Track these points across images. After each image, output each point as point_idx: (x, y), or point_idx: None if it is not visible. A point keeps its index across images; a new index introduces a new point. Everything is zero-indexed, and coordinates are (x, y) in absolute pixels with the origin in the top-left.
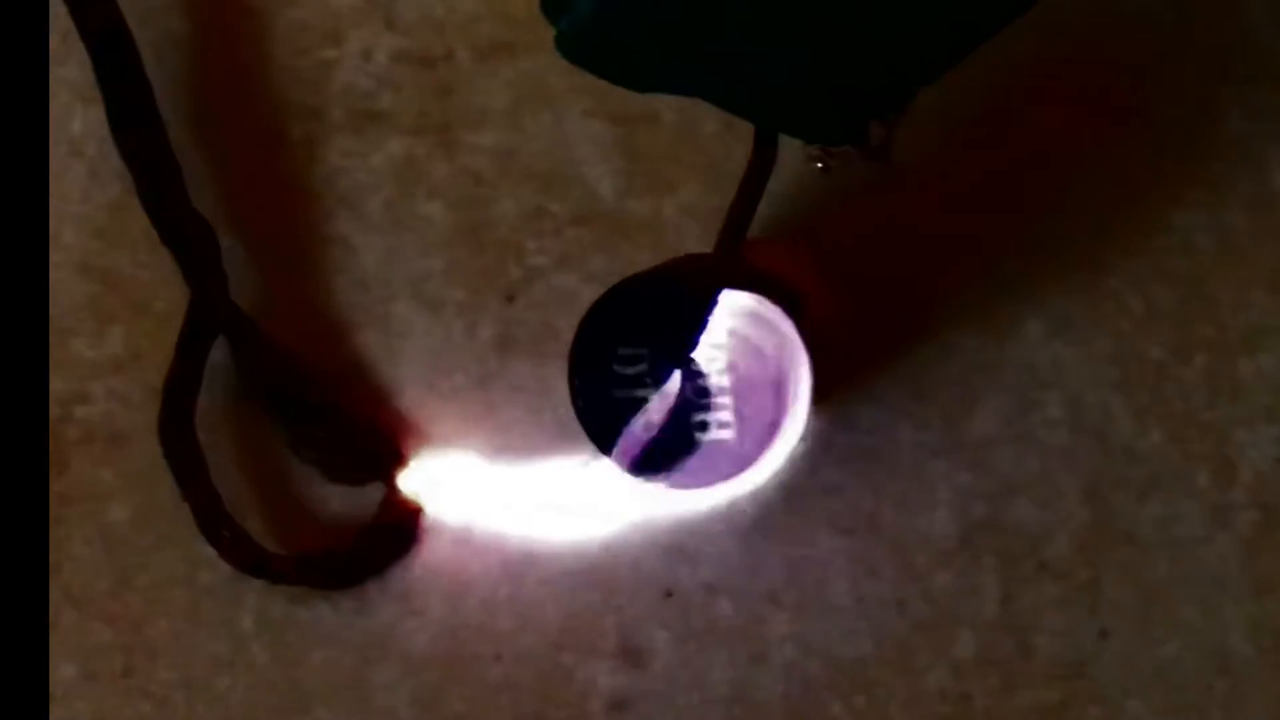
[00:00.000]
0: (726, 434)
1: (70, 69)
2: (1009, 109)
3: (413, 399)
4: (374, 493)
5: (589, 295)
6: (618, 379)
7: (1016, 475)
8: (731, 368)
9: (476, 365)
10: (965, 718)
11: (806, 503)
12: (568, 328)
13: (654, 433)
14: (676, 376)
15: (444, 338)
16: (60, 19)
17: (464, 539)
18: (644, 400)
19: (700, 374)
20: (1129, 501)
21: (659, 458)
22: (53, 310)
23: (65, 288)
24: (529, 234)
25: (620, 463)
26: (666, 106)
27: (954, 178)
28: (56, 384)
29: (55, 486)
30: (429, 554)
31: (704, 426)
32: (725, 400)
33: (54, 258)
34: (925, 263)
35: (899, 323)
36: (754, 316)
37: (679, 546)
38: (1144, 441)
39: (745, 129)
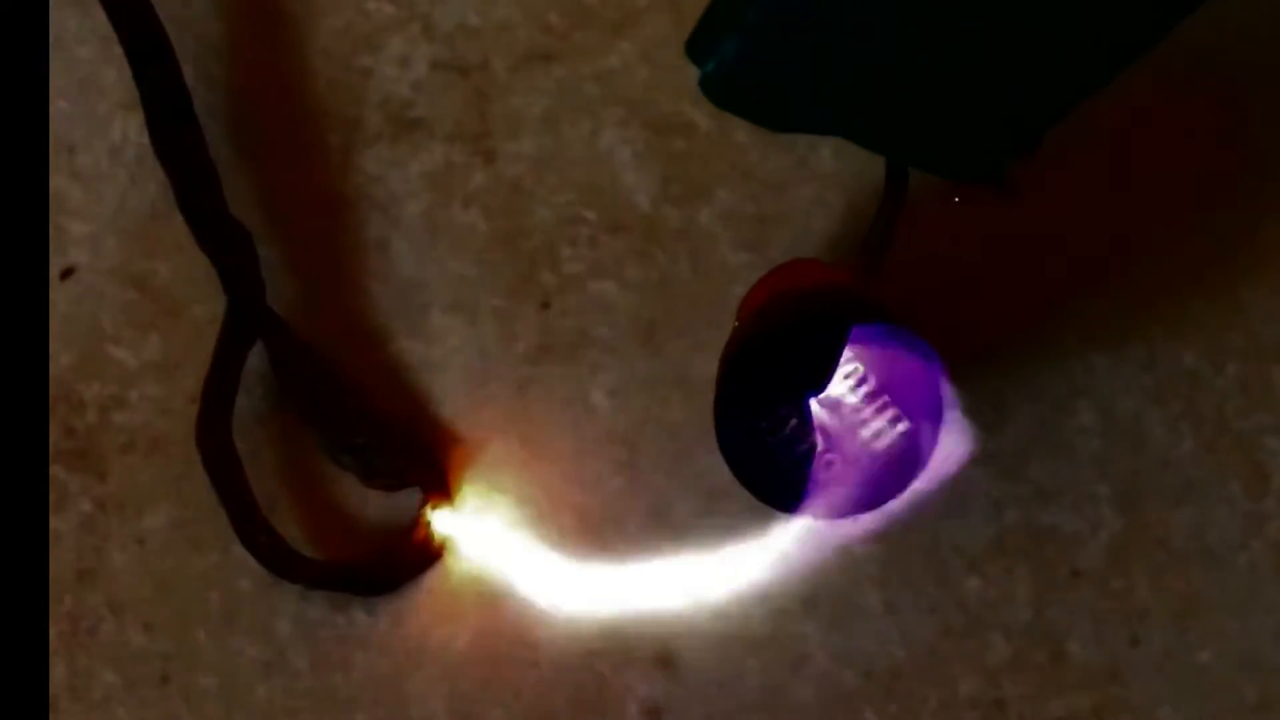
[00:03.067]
0: (890, 436)
1: (110, 75)
2: None
3: (449, 405)
4: (411, 498)
5: (624, 302)
6: (766, 430)
7: (1049, 482)
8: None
9: (513, 372)
10: None
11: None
12: (604, 334)
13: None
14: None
15: (480, 344)
16: (100, 26)
17: (500, 545)
18: (797, 441)
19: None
20: (1162, 509)
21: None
22: (91, 317)
23: (104, 294)
24: (565, 241)
25: (817, 512)
26: (702, 115)
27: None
28: (94, 391)
29: (94, 493)
30: (465, 560)
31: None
32: (875, 410)
33: (92, 264)
34: (961, 272)
35: (931, 333)
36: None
37: (713, 554)
38: (1176, 449)
39: (780, 136)
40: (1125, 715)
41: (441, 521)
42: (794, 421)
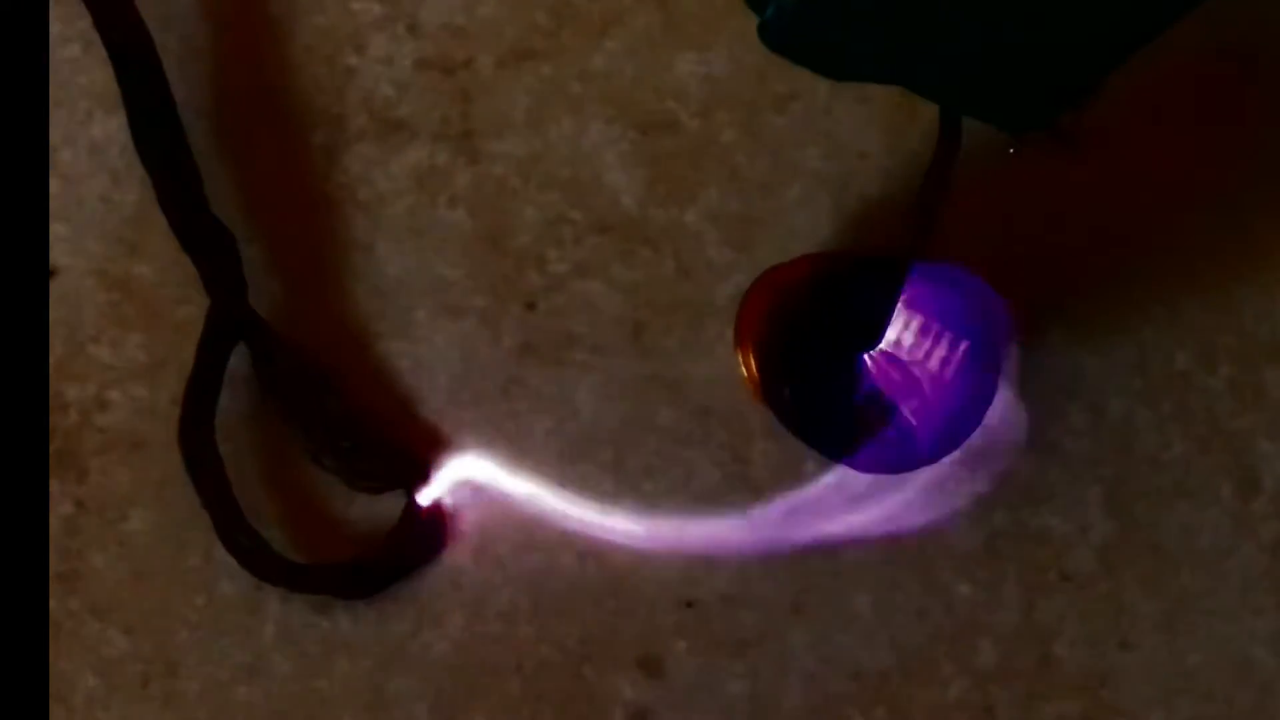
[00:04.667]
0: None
1: (92, 76)
2: None
3: (434, 406)
4: (395, 501)
5: (610, 302)
6: (825, 381)
7: (1039, 484)
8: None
9: (498, 373)
10: None
11: (828, 513)
12: (590, 334)
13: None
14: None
15: (465, 345)
16: (82, 26)
17: (484, 548)
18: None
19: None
20: (1152, 511)
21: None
22: (72, 317)
23: (86, 294)
24: (550, 241)
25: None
26: (687, 114)
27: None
28: (76, 391)
29: (75, 494)
30: (449, 564)
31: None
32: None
33: (75, 264)
34: None
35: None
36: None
37: (699, 557)
38: (1167, 451)
39: (766, 136)
40: (1115, 718)
41: (425, 523)
42: (859, 379)
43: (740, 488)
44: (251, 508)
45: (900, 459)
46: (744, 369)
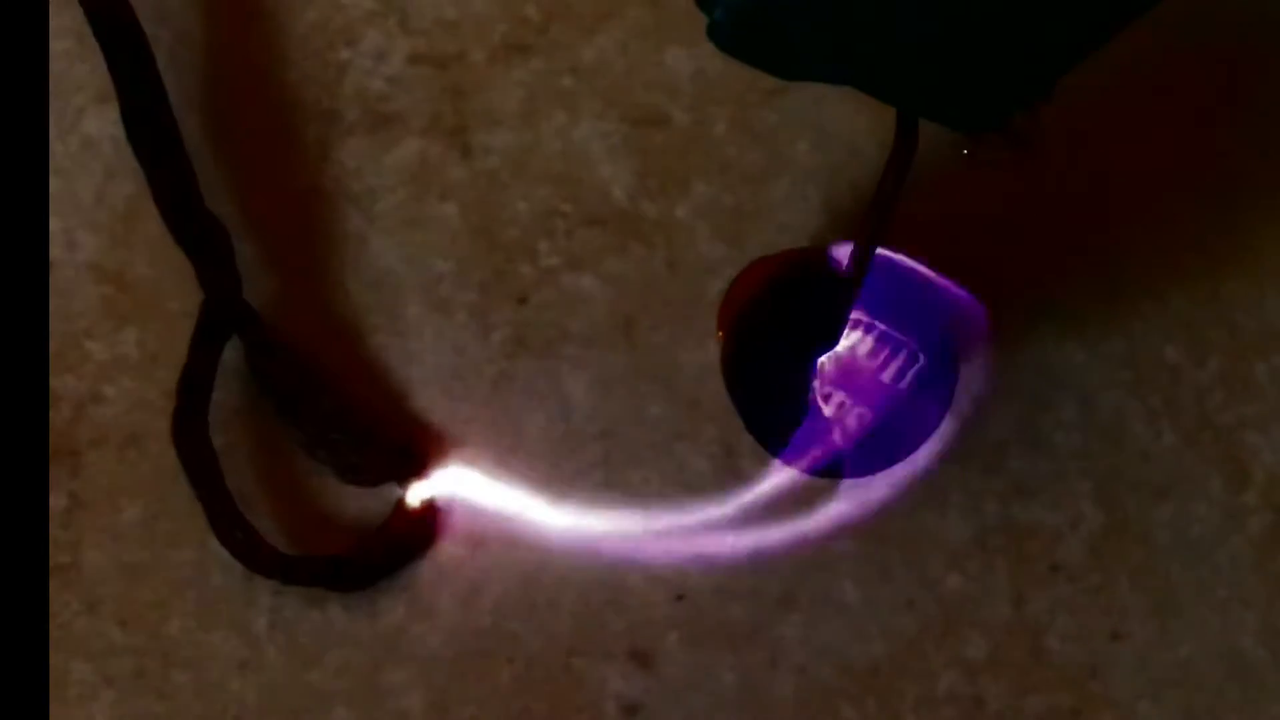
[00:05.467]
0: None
1: (85, 69)
2: None
3: (426, 400)
4: (387, 494)
5: (602, 296)
6: (784, 392)
7: (1029, 477)
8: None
9: (489, 366)
10: None
11: (817, 505)
12: (581, 328)
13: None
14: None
15: (457, 339)
16: (75, 19)
17: (477, 541)
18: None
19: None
20: (1142, 504)
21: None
22: (66, 311)
23: (79, 288)
24: (542, 235)
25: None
26: (678, 108)
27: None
28: (70, 385)
29: (69, 487)
30: (442, 556)
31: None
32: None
33: (68, 258)
34: (939, 269)
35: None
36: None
37: (690, 549)
38: (1157, 444)
39: (757, 130)
40: (1105, 711)
41: (418, 516)
42: (812, 380)
43: (730, 480)
44: (245, 501)
45: (831, 465)
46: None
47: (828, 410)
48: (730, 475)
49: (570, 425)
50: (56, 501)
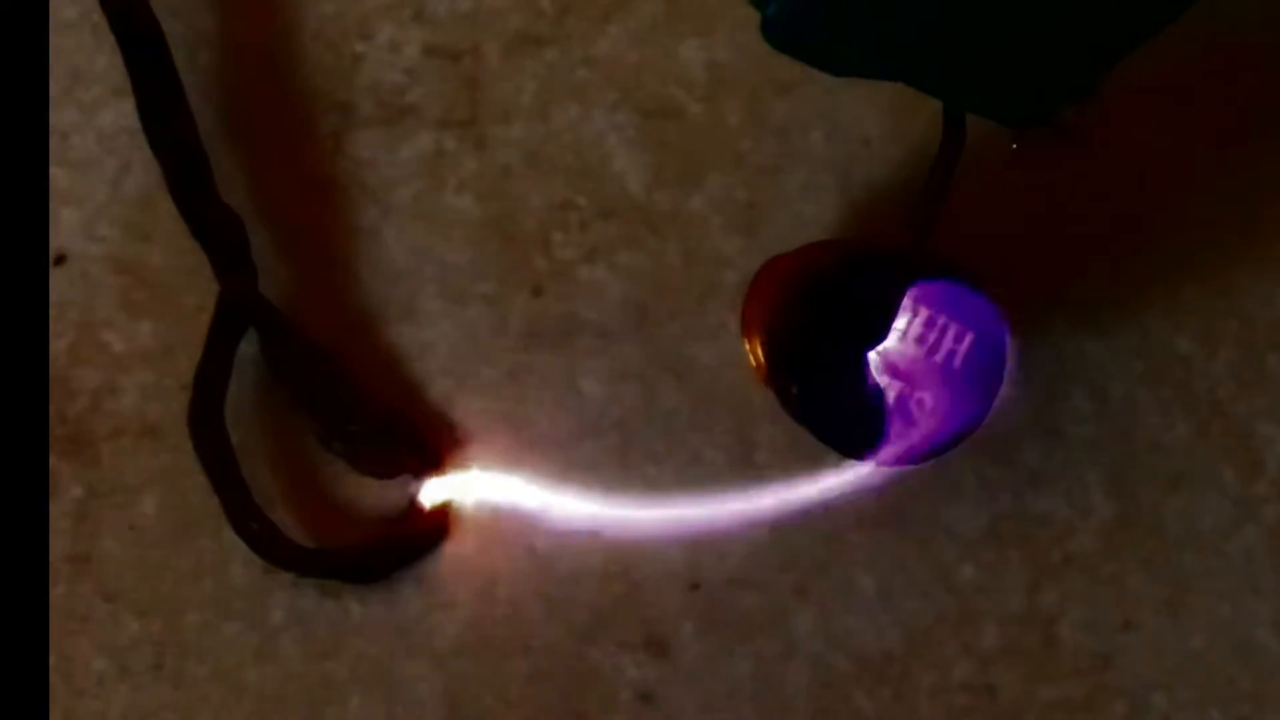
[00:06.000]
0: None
1: (101, 62)
2: None
3: (441, 392)
4: (403, 486)
5: (616, 288)
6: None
7: (1042, 468)
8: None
9: (504, 358)
10: (990, 710)
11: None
12: (596, 320)
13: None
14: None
15: (472, 331)
16: (91, 13)
17: (492, 533)
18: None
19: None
20: (1155, 495)
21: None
22: (82, 303)
23: (96, 280)
24: (556, 227)
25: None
26: (692, 100)
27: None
28: (86, 377)
29: (85, 479)
30: (458, 547)
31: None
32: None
33: (84, 250)
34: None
35: None
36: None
37: (705, 539)
38: (1170, 435)
39: (772, 122)
40: (1118, 701)
41: (434, 508)
42: (865, 373)
43: (746, 472)
44: (261, 492)
45: (909, 453)
46: (751, 357)
47: (890, 400)
48: (745, 467)
49: (584, 416)
50: (74, 492)
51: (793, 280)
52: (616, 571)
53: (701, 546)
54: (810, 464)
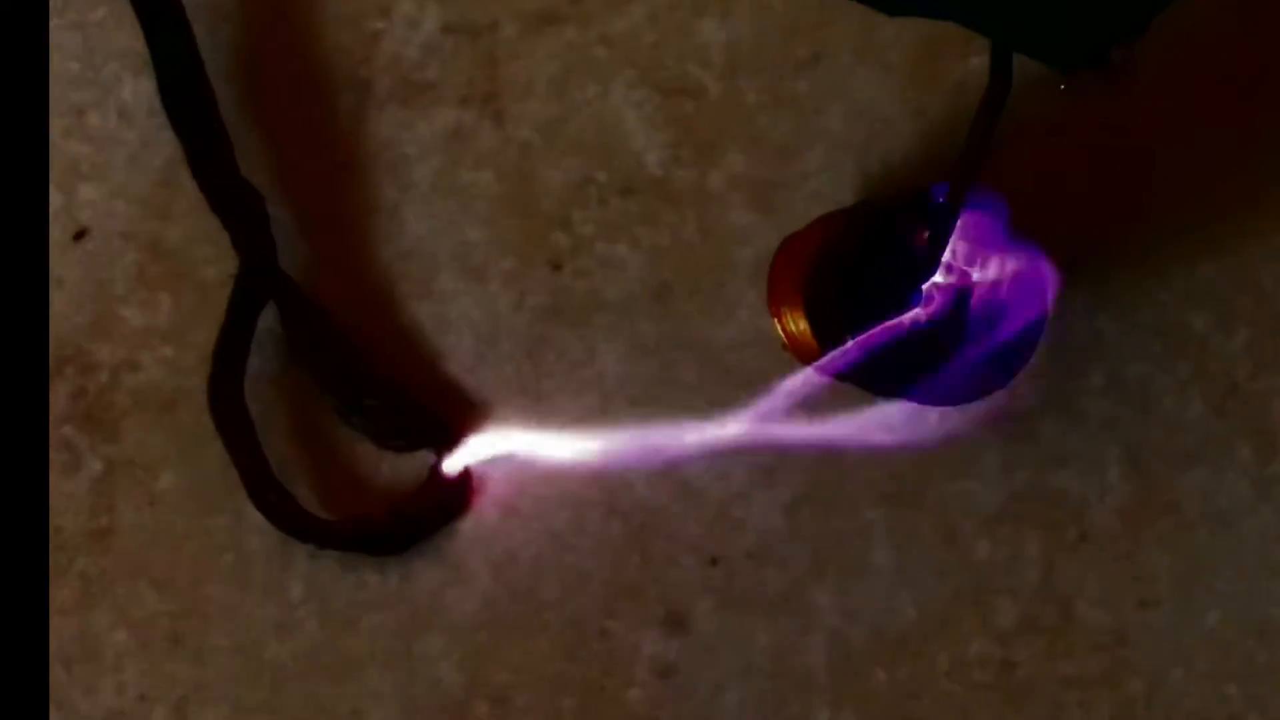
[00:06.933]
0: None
1: (121, 38)
2: None
3: (460, 367)
4: (422, 460)
5: (635, 264)
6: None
7: (1059, 445)
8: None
9: (523, 334)
10: (1007, 686)
11: (848, 471)
12: (615, 296)
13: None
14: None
15: (491, 307)
16: None
17: (511, 507)
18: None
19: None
20: (1171, 473)
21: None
22: (102, 278)
23: (116, 256)
24: (575, 204)
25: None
26: (711, 78)
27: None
28: (106, 352)
29: (105, 453)
30: (476, 521)
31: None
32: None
33: (103, 226)
34: None
35: None
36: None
37: (723, 515)
38: (1186, 413)
39: (790, 100)
40: (1134, 677)
41: (452, 481)
42: (918, 311)
43: (765, 447)
44: (280, 466)
45: (968, 388)
46: (781, 333)
47: (941, 339)
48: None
49: (603, 393)
50: (93, 468)
51: (823, 244)
52: (635, 546)
53: (720, 521)
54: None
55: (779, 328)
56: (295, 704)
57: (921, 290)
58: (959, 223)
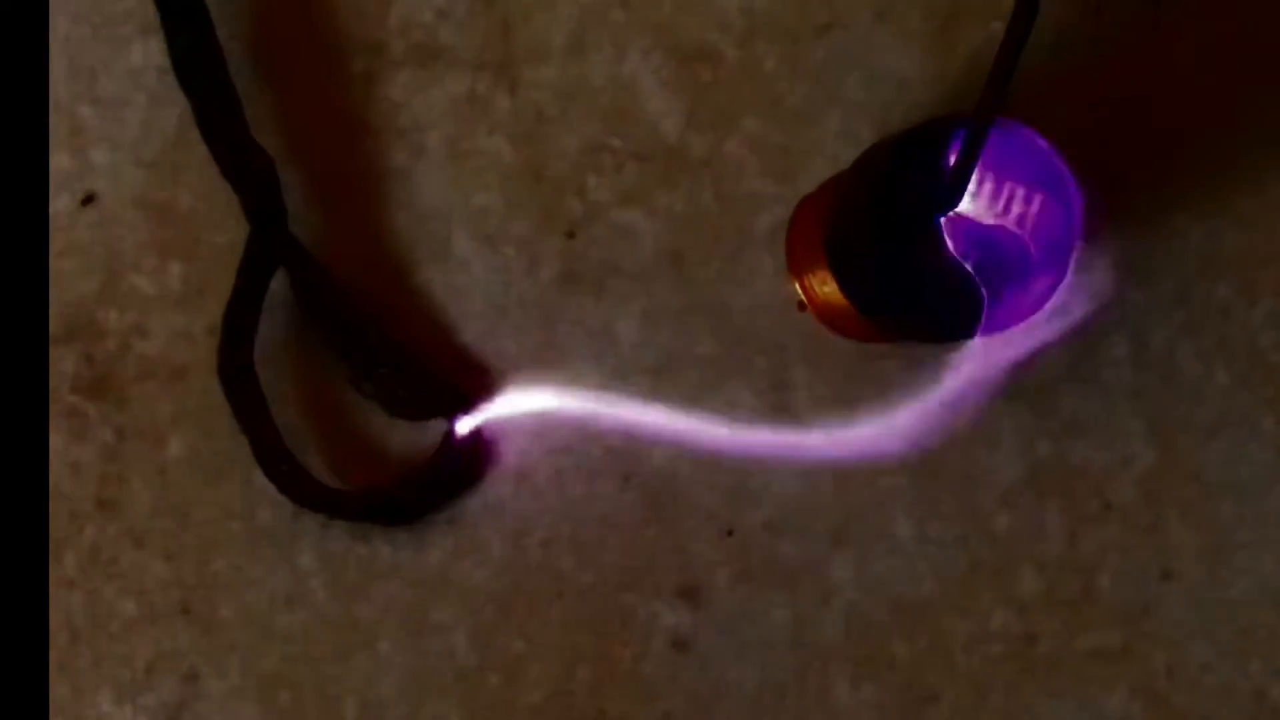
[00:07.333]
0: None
1: (130, 0)
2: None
3: (473, 334)
4: (435, 429)
5: (651, 231)
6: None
7: (1081, 415)
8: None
9: (538, 301)
10: (1028, 659)
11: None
12: (630, 264)
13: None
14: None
15: (505, 274)
16: None
17: (524, 476)
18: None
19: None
20: (1194, 443)
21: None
22: (111, 244)
23: (125, 221)
24: (590, 170)
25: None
26: (728, 43)
27: None
28: (114, 319)
29: (114, 422)
30: (489, 491)
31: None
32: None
33: (112, 191)
34: None
35: None
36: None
37: (740, 485)
38: (1210, 383)
39: (807, 66)
40: (1156, 649)
41: (465, 450)
42: (943, 244)
43: (781, 416)
44: (291, 435)
45: (1002, 316)
46: (801, 294)
47: (970, 271)
48: (781, 411)
49: (618, 360)
50: (102, 435)
51: (846, 184)
52: (651, 517)
53: (737, 492)
54: (846, 407)
55: (801, 291)
56: (306, 674)
57: (943, 222)
58: (983, 152)
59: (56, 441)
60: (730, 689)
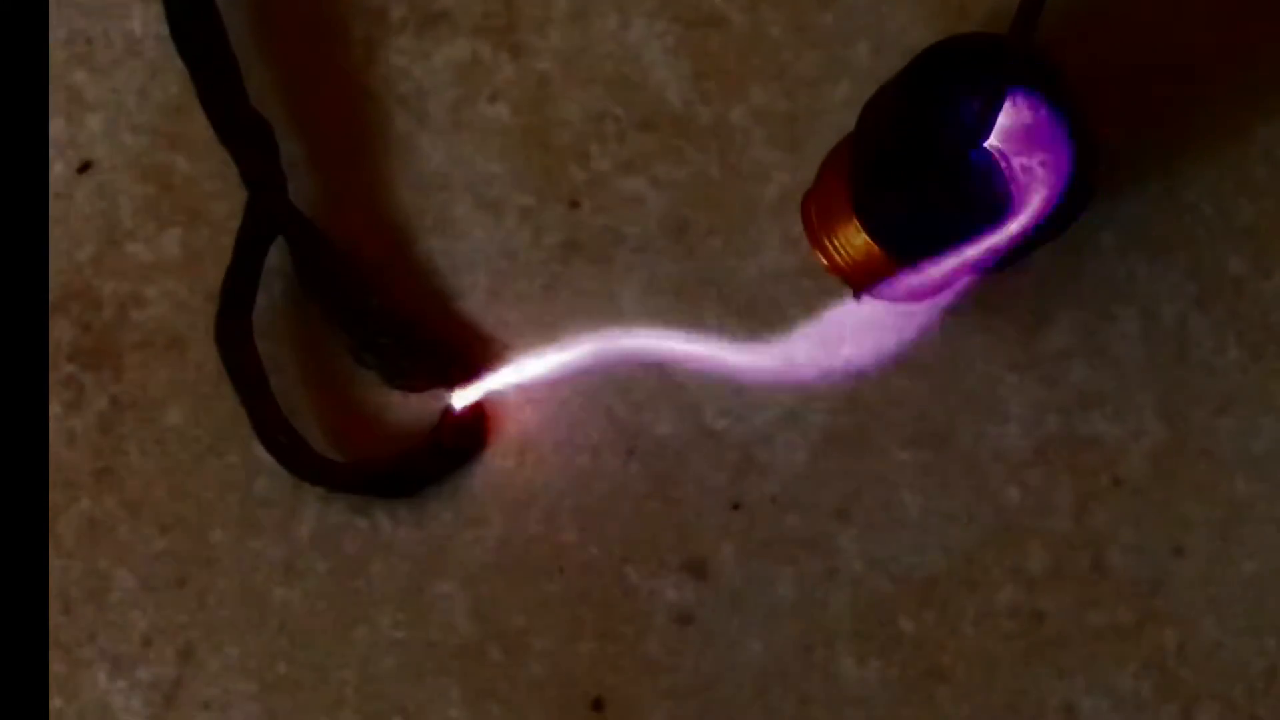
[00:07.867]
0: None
1: None
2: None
3: (476, 304)
4: (436, 400)
5: (655, 200)
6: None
7: (1091, 389)
8: None
9: (540, 270)
10: (1037, 635)
11: (875, 414)
12: (634, 233)
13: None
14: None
15: (507, 242)
16: None
17: (527, 448)
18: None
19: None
20: (1206, 417)
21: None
22: (108, 212)
23: (122, 188)
24: (594, 138)
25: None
26: (734, 9)
27: None
28: (111, 288)
29: (110, 391)
30: (491, 462)
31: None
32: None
33: (111, 158)
34: None
35: None
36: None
37: (746, 458)
38: (1221, 357)
39: (815, 32)
40: (1167, 626)
41: (467, 422)
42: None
43: (786, 384)
44: (290, 405)
45: (1026, 243)
46: (822, 258)
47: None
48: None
49: (623, 329)
50: (98, 405)
51: (860, 131)
52: (655, 490)
53: (742, 465)
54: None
55: (823, 258)
56: (304, 648)
57: (972, 159)
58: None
59: (53, 411)
60: (735, 664)
